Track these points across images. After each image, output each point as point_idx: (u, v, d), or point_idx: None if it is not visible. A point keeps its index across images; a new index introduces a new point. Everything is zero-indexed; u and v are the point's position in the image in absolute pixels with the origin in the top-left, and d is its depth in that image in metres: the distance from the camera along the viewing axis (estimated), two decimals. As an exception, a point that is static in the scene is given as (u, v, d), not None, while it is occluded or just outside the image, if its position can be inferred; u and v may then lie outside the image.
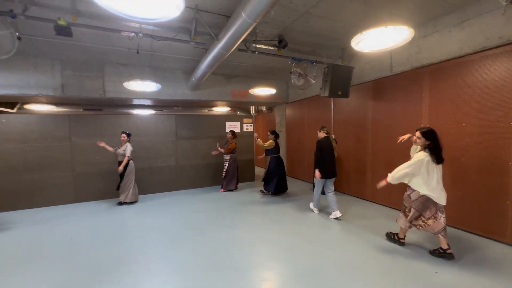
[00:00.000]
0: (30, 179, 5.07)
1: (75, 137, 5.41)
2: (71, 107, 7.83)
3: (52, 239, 3.57)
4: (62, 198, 5.32)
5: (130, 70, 5.70)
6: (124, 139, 5.16)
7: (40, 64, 4.98)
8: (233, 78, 6.89)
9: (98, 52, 4.87)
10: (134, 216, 4.54)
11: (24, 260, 3.00)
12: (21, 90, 4.88)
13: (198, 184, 6.67)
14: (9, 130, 4.91)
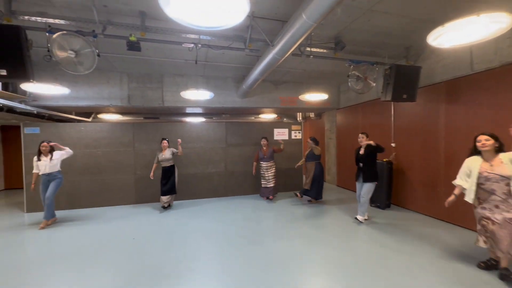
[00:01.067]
0: (101, 180, 5.68)
1: (138, 143, 5.91)
2: (134, 116, 8.67)
3: (117, 238, 3.87)
4: (125, 199, 5.83)
5: (185, 80, 6.04)
6: (166, 145, 5.35)
7: (111, 77, 5.60)
8: (282, 84, 6.79)
9: (158, 64, 5.26)
10: (188, 220, 4.68)
11: (91, 256, 3.27)
12: (97, 101, 5.54)
13: (245, 191, 6.66)
14: (86, 137, 5.59)
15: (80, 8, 3.10)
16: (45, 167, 4.32)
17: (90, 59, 3.08)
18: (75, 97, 5.38)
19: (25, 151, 5.27)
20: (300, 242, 3.60)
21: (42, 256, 3.30)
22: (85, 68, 3.10)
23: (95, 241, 3.77)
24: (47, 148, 4.35)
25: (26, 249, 3.57)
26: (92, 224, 4.53)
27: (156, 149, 5.95)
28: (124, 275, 2.80)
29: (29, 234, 4.10)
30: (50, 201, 4.33)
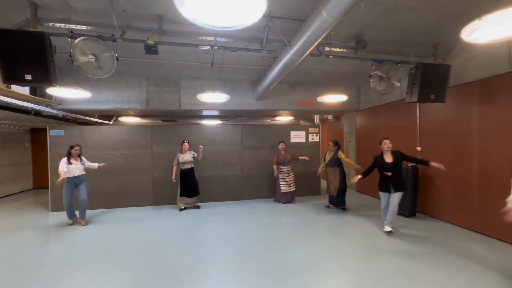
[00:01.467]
0: (120, 181, 5.80)
1: (155, 145, 5.99)
2: (152, 119, 8.86)
3: (133, 239, 3.90)
4: (143, 200, 5.92)
5: (201, 83, 6.06)
6: (187, 147, 5.39)
7: (131, 81, 5.73)
8: (298, 86, 6.64)
9: (175, 68, 5.31)
10: (204, 223, 4.65)
11: (109, 258, 3.30)
12: (117, 104, 5.69)
13: (261, 195, 6.55)
14: (107, 139, 5.75)
15: (100, 13, 3.17)
16: (76, 170, 4.50)
17: (109, 63, 3.13)
18: (97, 100, 5.56)
19: (51, 152, 5.50)
20: (318, 250, 3.43)
21: (63, 255, 3.38)
22: (104, 72, 3.16)
23: (113, 242, 3.81)
24: (77, 151, 4.52)
25: (48, 247, 3.68)
26: (111, 224, 4.61)
27: (173, 151, 6.01)
28: (140, 280, 2.78)
29: (52, 233, 4.24)
30: (86, 202, 4.61)
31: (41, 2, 2.94)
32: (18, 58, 2.78)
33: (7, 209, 5.94)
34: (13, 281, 2.76)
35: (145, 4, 2.98)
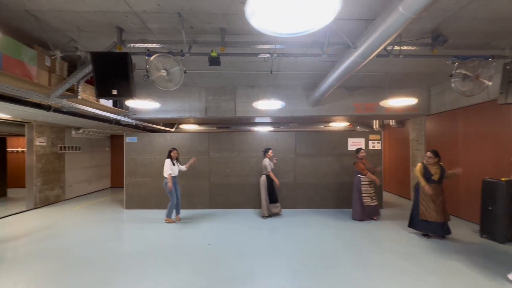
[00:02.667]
0: (182, 184, 6.24)
1: (212, 151, 6.30)
2: (208, 126, 9.39)
3: (193, 240, 4.10)
4: (201, 203, 6.25)
5: (256, 91, 6.17)
6: (271, 154, 5.51)
7: (192, 92, 6.18)
8: (357, 90, 6.21)
9: (232, 77, 5.53)
10: (259, 231, 4.64)
11: (169, 256, 3.51)
12: (180, 113, 6.19)
13: (315, 205, 6.27)
14: (171, 145, 6.26)
15: (171, 32, 3.48)
16: (176, 170, 5.09)
17: (178, 76, 3.40)
18: (163, 110, 6.14)
19: (126, 156, 6.26)
20: (382, 274, 3.05)
21: (131, 249, 3.75)
22: (174, 84, 3.44)
23: (176, 241, 4.08)
24: (175, 154, 5.11)
25: (120, 241, 4.14)
26: (176, 224, 4.97)
27: (229, 157, 6.22)
28: (197, 283, 2.87)
29: (126, 228, 4.78)
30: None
31: (126, 27, 3.37)
32: (107, 76, 3.24)
33: (93, 204, 6.96)
34: (89, 266, 3.16)
35: (210, 20, 3.16)
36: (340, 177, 6.27)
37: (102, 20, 3.25)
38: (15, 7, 2.93)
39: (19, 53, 3.19)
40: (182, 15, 3.04)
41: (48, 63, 3.71)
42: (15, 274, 3.06)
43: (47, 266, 3.24)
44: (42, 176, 6.53)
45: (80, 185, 8.08)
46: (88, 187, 8.51)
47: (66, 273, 3.08)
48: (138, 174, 6.24)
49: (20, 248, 3.82)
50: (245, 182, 6.24)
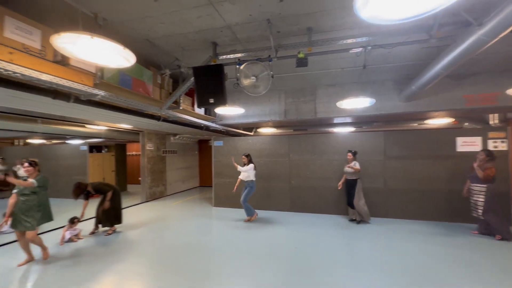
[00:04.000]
0: (263, 186, 6.47)
1: (292, 153, 6.28)
2: (284, 129, 9.45)
3: (278, 242, 4.13)
4: (281, 205, 6.30)
5: (337, 90, 5.84)
6: (351, 158, 5.24)
7: (272, 96, 6.33)
8: (468, 78, 5.09)
9: (312, 78, 5.38)
10: (349, 240, 4.33)
11: (260, 257, 3.60)
12: (260, 117, 6.44)
13: (410, 215, 5.43)
14: (253, 148, 6.59)
15: (258, 39, 3.64)
16: (243, 175, 5.38)
17: (266, 81, 3.52)
18: (246, 115, 6.51)
19: (214, 159, 6.90)
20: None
21: (222, 244, 4.04)
22: (262, 88, 3.57)
23: (261, 241, 4.20)
24: (244, 159, 5.45)
25: (210, 236, 4.53)
26: (261, 224, 5.15)
27: (309, 160, 6.08)
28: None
29: (214, 224, 5.23)
30: (243, 204, 5.37)
31: (219, 41, 3.71)
32: (205, 87, 3.62)
33: (187, 200, 7.96)
34: (189, 257, 3.54)
35: (298, 21, 3.14)
36: (445, 183, 5.25)
37: (201, 38, 3.67)
38: (139, 37, 3.61)
39: (141, 74, 3.93)
40: (271, 21, 3.12)
41: (159, 81, 4.44)
42: (138, 256, 3.75)
43: (158, 250, 3.84)
44: (151, 175, 7.89)
45: (176, 183, 9.39)
46: (182, 185, 9.81)
47: (170, 261, 3.57)
48: (225, 175, 6.79)
49: (141, 235, 4.67)
50: (326, 185, 5.96)
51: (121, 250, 3.93)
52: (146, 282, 3.01)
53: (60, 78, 2.66)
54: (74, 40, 2.04)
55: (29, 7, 2.84)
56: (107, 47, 2.18)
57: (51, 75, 2.57)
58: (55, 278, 3.06)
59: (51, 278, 3.05)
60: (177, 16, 3.07)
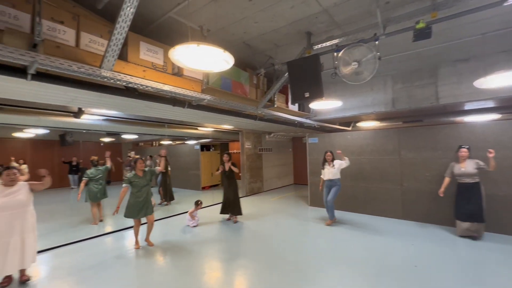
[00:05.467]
0: (365, 187, 5.71)
1: (404, 150, 5.23)
2: (391, 121, 8.08)
3: (390, 256, 3.46)
4: (389, 211, 5.37)
5: (472, 66, 4.41)
6: (465, 155, 4.03)
7: (375, 83, 5.48)
8: None
9: (431, 55, 4.27)
10: (489, 264, 3.19)
11: (371, 270, 3.08)
12: (361, 110, 5.70)
13: None
14: (352, 144, 5.93)
15: (359, 18, 3.14)
16: (329, 174, 4.94)
17: (371, 65, 2.99)
18: (343, 109, 5.92)
19: (309, 156, 6.64)
20: None
21: (321, 250, 3.72)
22: (367, 74, 3.06)
23: (373, 253, 3.64)
24: (330, 157, 4.98)
25: (306, 237, 4.29)
26: (365, 231, 4.54)
27: (429, 158, 4.91)
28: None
29: (310, 225, 4.97)
30: (331, 204, 4.92)
31: (313, 29, 3.45)
32: (300, 81, 3.43)
33: (283, 197, 8.07)
34: (270, 252, 3.40)
35: (415, -19, 2.49)
36: None
37: (293, 31, 3.51)
38: (236, 41, 3.81)
39: (239, 77, 4.16)
40: (378, -9, 2.61)
41: (255, 81, 4.59)
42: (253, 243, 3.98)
43: (255, 245, 3.96)
44: (249, 171, 8.45)
45: (272, 180, 9.70)
46: (277, 182, 10.06)
47: (266, 256, 3.57)
48: (319, 173, 6.40)
49: (251, 227, 5.01)
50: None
51: (245, 240, 4.30)
52: (248, 275, 3.13)
53: (177, 87, 3.10)
54: (184, 51, 2.28)
55: (153, 31, 3.47)
56: (210, 53, 2.34)
57: (171, 86, 3.03)
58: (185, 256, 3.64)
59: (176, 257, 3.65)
60: (270, 11, 3.02)
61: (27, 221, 2.84)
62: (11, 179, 2.78)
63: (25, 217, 2.83)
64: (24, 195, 2.85)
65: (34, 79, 2.29)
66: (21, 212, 2.80)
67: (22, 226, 2.80)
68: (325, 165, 5.05)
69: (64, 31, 2.38)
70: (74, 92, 2.84)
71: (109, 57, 2.27)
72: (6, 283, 2.84)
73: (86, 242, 4.23)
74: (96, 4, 2.78)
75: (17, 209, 2.78)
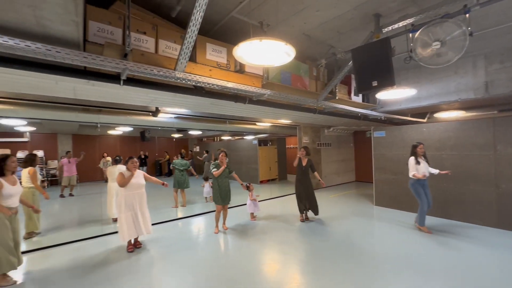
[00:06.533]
0: (446, 188, 4.93)
1: (502, 145, 4.30)
2: (480, 110, 6.74)
3: (486, 272, 2.90)
4: (480, 217, 4.51)
5: None
6: None
7: (460, 66, 4.64)
8: None
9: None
10: None
11: (446, 281, 2.64)
12: (440, 98, 4.92)
13: None
14: (429, 138, 5.16)
15: (443, -11, 2.68)
16: (426, 169, 4.17)
17: (458, 43, 2.53)
18: (417, 97, 5.21)
19: (374, 151, 6.09)
20: None
21: (386, 254, 3.37)
22: (452, 55, 2.61)
23: (457, 264, 3.14)
24: (422, 150, 4.22)
25: (373, 239, 3.93)
26: (450, 240, 3.96)
27: (539, 154, 3.92)
28: None
29: (375, 226, 4.56)
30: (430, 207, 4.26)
31: (383, 10, 3.11)
32: (367, 69, 3.15)
33: (343, 195, 7.65)
34: (356, 257, 3.17)
35: None
36: None
37: (359, 15, 3.24)
38: (296, 33, 3.73)
39: (298, 70, 4.07)
40: (470, -47, 2.17)
41: (315, 73, 4.43)
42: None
43: (320, 242, 3.84)
44: (307, 166, 8.27)
45: (331, 176, 9.29)
46: (336, 178, 9.57)
47: (326, 255, 3.42)
48: (388, 170, 5.83)
49: (315, 223, 4.95)
50: None
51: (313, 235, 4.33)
52: (304, 272, 3.08)
53: (239, 84, 3.23)
54: (247, 48, 2.35)
55: (217, 32, 3.67)
56: (272, 47, 2.35)
57: (233, 83, 3.18)
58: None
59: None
60: (334, -4, 2.85)
61: (144, 200, 3.70)
62: (134, 166, 3.59)
63: (142, 197, 3.68)
64: (142, 179, 3.67)
65: (125, 84, 2.70)
66: (140, 193, 3.64)
67: (141, 203, 3.64)
68: (418, 159, 4.19)
69: (146, 40, 2.73)
70: (154, 93, 3.25)
71: (182, 60, 2.51)
72: (131, 248, 3.63)
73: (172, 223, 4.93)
74: (170, 12, 3.10)
75: (138, 189, 3.61)
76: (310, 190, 4.95)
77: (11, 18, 1.75)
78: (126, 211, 3.52)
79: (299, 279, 2.91)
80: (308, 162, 4.92)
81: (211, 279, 2.88)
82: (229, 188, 4.39)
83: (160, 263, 3.28)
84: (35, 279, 2.94)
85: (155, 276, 2.98)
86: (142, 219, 3.61)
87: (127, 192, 3.53)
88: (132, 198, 3.56)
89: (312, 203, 4.95)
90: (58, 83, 2.73)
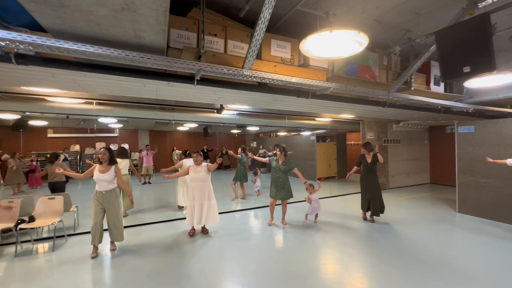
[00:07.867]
0: None
1: None
2: None
3: None
4: None
5: None
6: None
7: None
8: None
9: None
10: None
11: None
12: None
13: None
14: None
15: None
16: None
17: None
18: (522, 84, 4.23)
19: (458, 150, 5.22)
20: None
21: (474, 271, 2.82)
22: None
23: None
24: None
25: (458, 251, 3.36)
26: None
27: None
28: None
29: (467, 237, 3.89)
30: None
31: (480, -19, 2.60)
32: (456, 53, 2.70)
33: (415, 197, 6.81)
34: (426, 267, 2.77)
35: None
36: None
37: (447, -11, 2.79)
38: (365, 20, 3.45)
39: (366, 59, 3.76)
40: None
41: (385, 62, 4.03)
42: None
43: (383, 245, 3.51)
44: (371, 165, 7.63)
45: (400, 176, 8.36)
46: (406, 179, 8.57)
47: (394, 264, 3.08)
48: (476, 172, 4.92)
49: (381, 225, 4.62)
50: None
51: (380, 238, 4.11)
52: (372, 278, 2.86)
53: (303, 78, 3.17)
54: (316, 40, 2.28)
55: (280, 27, 3.66)
56: (342, 37, 2.23)
57: (297, 77, 3.14)
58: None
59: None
60: (415, -27, 2.51)
61: (204, 192, 3.90)
62: (196, 160, 3.90)
63: (201, 189, 3.88)
64: (204, 173, 3.88)
65: (198, 83, 2.96)
66: (200, 185, 3.87)
67: (201, 195, 3.87)
68: None
69: (216, 42, 2.92)
70: (221, 91, 3.46)
71: (249, 58, 2.59)
72: (192, 232, 4.01)
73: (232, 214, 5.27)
74: (238, 13, 3.23)
75: (198, 182, 3.86)
76: (375, 189, 4.56)
77: (116, 32, 2.09)
78: (188, 201, 3.95)
79: (368, 284, 2.73)
80: (373, 158, 4.54)
81: (273, 270, 2.95)
82: (284, 185, 4.33)
83: (224, 249, 3.53)
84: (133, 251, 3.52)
85: (220, 260, 3.23)
86: (199, 210, 3.85)
87: (190, 184, 3.94)
88: (191, 189, 3.90)
89: (375, 203, 4.54)
90: (145, 86, 3.16)
